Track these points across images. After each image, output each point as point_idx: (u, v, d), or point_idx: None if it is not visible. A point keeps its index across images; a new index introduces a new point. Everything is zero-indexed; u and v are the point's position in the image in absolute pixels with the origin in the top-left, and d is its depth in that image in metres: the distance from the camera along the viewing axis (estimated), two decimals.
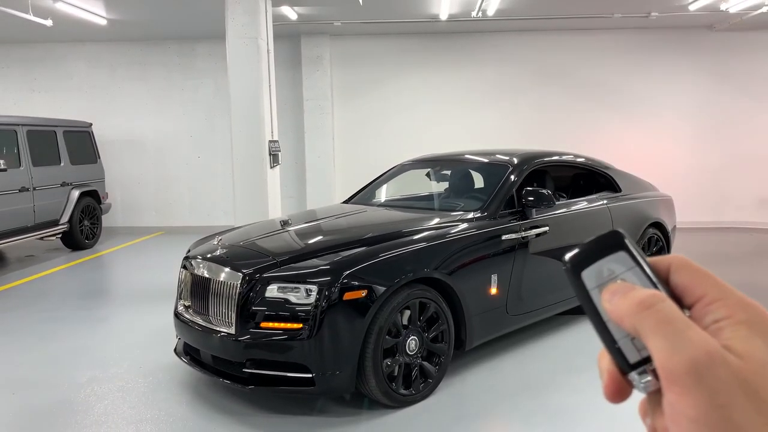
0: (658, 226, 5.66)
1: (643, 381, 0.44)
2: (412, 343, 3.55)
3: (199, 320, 3.65)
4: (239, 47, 6.09)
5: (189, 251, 4.18)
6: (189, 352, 3.87)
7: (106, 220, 10.43)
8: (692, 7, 8.57)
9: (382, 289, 3.35)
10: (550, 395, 3.71)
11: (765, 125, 10.13)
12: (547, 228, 4.47)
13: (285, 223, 4.43)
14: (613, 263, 0.47)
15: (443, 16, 8.77)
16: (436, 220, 4.11)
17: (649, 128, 10.35)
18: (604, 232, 0.48)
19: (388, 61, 10.44)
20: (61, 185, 8.58)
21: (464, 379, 3.96)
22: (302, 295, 3.29)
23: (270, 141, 6.30)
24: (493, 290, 4.04)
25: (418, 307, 3.59)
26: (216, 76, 10.54)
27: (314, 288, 3.26)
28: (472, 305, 3.89)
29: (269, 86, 6.32)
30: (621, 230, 0.48)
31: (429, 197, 5.28)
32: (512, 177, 4.54)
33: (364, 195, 5.36)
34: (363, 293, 3.30)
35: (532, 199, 4.33)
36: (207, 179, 10.82)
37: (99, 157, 9.56)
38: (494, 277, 4.03)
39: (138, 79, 10.70)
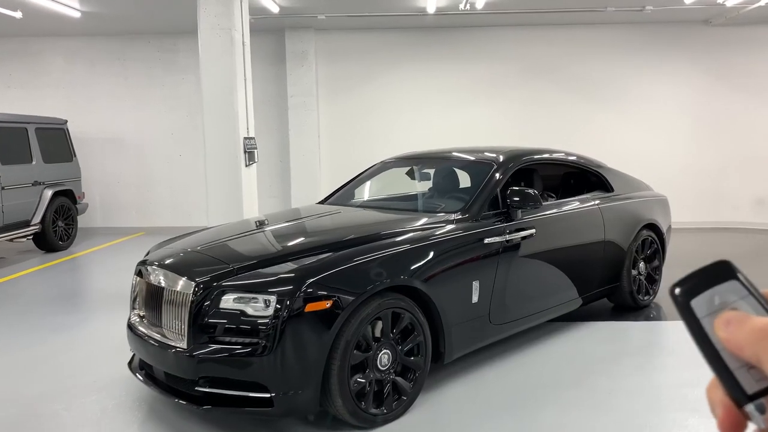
0: (653, 227, 5.37)
1: (764, 414, 0.43)
2: (384, 357, 3.25)
3: (150, 332, 3.33)
4: (212, 39, 5.78)
5: (147, 255, 3.87)
6: (144, 367, 3.56)
7: (85, 221, 10.10)
8: (688, 1, 8.29)
9: (349, 299, 3.05)
10: (536, 413, 3.41)
11: (763, 123, 9.87)
12: (533, 230, 4.17)
13: (256, 225, 4.12)
14: (724, 292, 0.48)
15: (430, 9, 8.47)
16: (414, 223, 3.80)
17: (644, 126, 10.08)
18: (712, 261, 0.50)
19: (375, 57, 10.14)
20: (33, 184, 8.24)
21: (443, 394, 3.66)
22: (260, 306, 2.98)
23: (245, 138, 5.99)
24: (475, 298, 3.73)
25: (391, 317, 3.28)
26: (198, 73, 10.17)
27: (273, 298, 2.95)
28: (452, 315, 3.58)
29: (245, 80, 6.01)
30: (730, 260, 0.49)
31: (410, 197, 4.98)
32: (497, 176, 4.24)
33: (342, 194, 5.05)
34: (328, 304, 2.99)
35: (517, 199, 4.04)
36: (189, 178, 10.49)
37: (75, 156, 9.22)
38: (476, 284, 3.73)
39: (117, 75, 10.37)
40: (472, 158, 4.65)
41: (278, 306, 2.93)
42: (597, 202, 4.88)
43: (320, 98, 10.19)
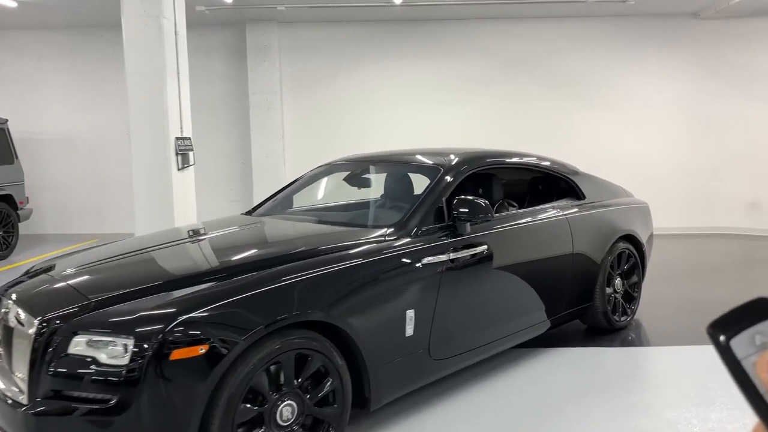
0: (630, 239, 4.77)
1: None
2: (285, 410, 2.61)
3: None
4: (137, 27, 5.15)
5: (24, 274, 3.23)
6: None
7: (34, 227, 9.45)
8: None
9: (234, 341, 2.41)
10: None
11: (756, 121, 9.29)
12: (485, 247, 3.55)
13: (163, 241, 3.48)
14: (766, 331, 0.46)
15: (397, 0, 7.84)
16: (337, 240, 3.17)
17: (631, 124, 9.48)
18: (752, 298, 0.48)
19: (343, 52, 9.51)
20: None
21: None
22: (117, 352, 2.35)
23: (177, 138, 5.35)
24: (409, 330, 3.11)
25: (297, 360, 2.65)
26: None
27: (131, 342, 2.32)
28: (378, 353, 2.96)
29: (178, 74, 5.37)
30: None
31: (350, 207, 4.36)
32: (443, 183, 3.61)
33: (276, 202, 4.40)
34: (202, 349, 2.36)
35: (465, 210, 3.41)
36: None
37: (16, 158, 8.54)
38: (410, 314, 3.10)
39: (68, 71, 9.71)
40: (418, 162, 4.02)
41: (137, 352, 2.30)
42: (564, 211, 4.27)
43: (285, 96, 9.56)
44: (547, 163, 4.54)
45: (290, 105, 9.59)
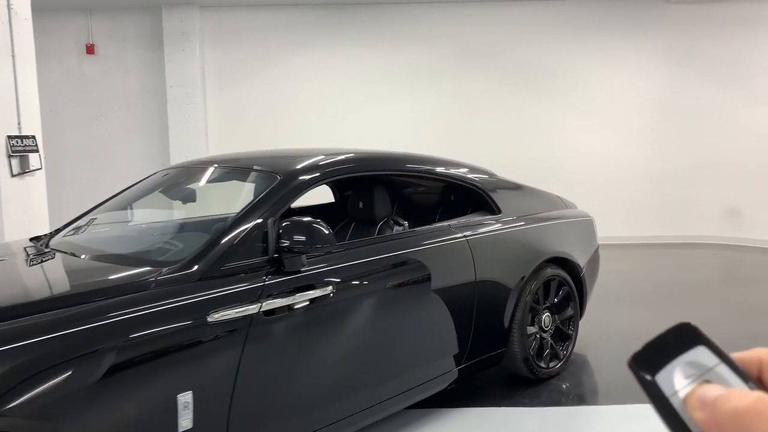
0: (562, 262, 3.77)
1: None
2: None
3: None
4: None
5: None
6: None
7: None
8: None
9: None
10: None
11: (734, 119, 8.30)
12: (330, 289, 2.54)
13: None
14: (692, 361, 0.41)
15: None
16: (69, 290, 2.16)
17: (595, 121, 8.50)
18: (672, 325, 0.43)
19: (276, 40, 8.48)
20: None
21: None
22: None
23: (11, 137, 4.33)
24: (185, 422, 2.09)
25: None
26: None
27: None
28: None
29: (13, 57, 4.35)
30: (692, 322, 0.43)
31: (167, 229, 3.36)
32: (274, 197, 2.59)
33: (90, 220, 3.36)
34: None
35: (300, 238, 2.40)
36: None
37: None
38: (185, 399, 2.08)
39: None
40: (256, 168, 3.00)
41: None
42: (464, 230, 3.25)
43: (208, 90, 8.52)
44: (447, 170, 3.53)
45: (214, 100, 8.55)
